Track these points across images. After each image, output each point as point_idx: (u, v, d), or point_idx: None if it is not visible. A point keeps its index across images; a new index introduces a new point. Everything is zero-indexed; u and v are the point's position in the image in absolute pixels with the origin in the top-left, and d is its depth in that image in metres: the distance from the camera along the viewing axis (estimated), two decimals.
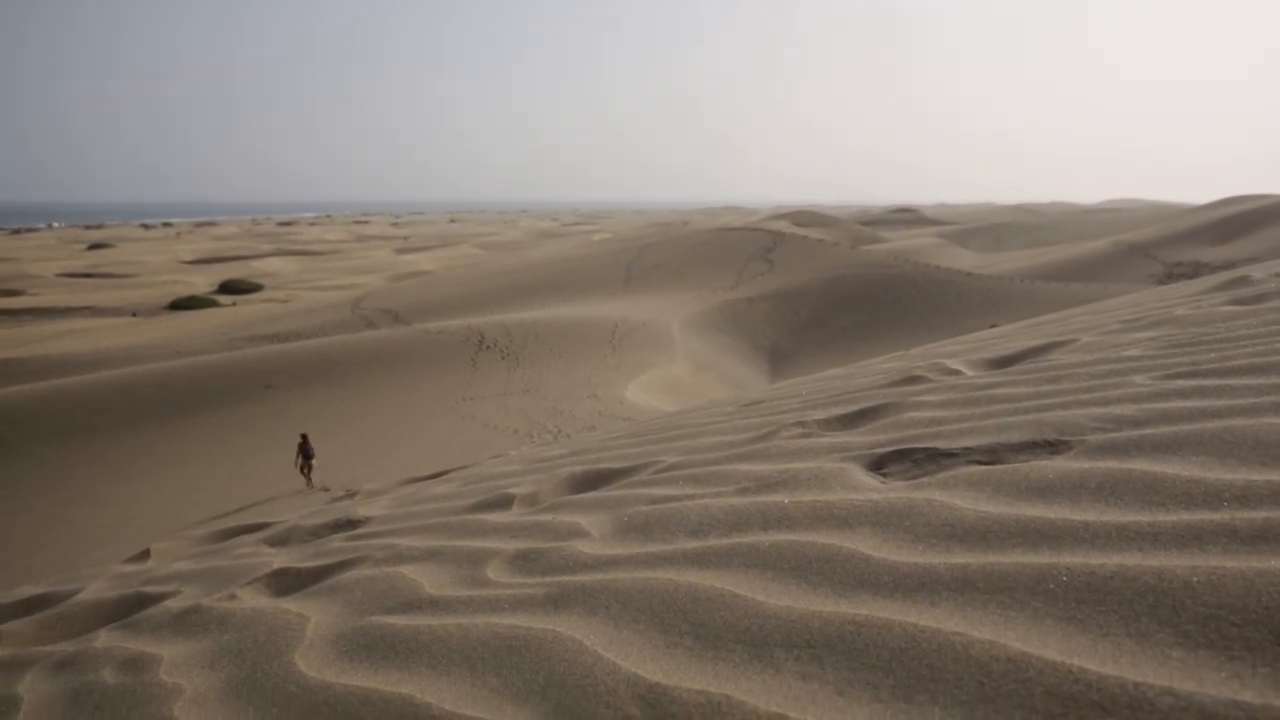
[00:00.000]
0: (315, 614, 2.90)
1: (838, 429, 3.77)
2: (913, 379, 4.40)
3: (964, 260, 55.96)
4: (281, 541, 4.62)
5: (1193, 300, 5.13)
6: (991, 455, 2.73)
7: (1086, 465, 2.37)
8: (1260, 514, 1.84)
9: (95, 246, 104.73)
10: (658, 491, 3.35)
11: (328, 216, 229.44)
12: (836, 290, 43.20)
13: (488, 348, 31.00)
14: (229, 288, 66.69)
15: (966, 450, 2.83)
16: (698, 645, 1.95)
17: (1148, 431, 2.53)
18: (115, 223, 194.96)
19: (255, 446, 20.55)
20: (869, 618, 1.83)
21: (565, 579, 2.60)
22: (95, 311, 56.68)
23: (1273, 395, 2.64)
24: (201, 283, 68.73)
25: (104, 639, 3.26)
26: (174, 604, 3.52)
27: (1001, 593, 1.80)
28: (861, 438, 3.40)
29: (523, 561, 2.89)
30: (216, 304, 59.44)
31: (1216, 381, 2.92)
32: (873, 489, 2.68)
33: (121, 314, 55.75)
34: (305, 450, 17.84)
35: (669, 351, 31.23)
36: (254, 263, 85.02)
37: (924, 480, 2.64)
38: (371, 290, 55.38)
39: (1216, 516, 1.88)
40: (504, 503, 3.96)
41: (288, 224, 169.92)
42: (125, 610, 3.71)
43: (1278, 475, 2.02)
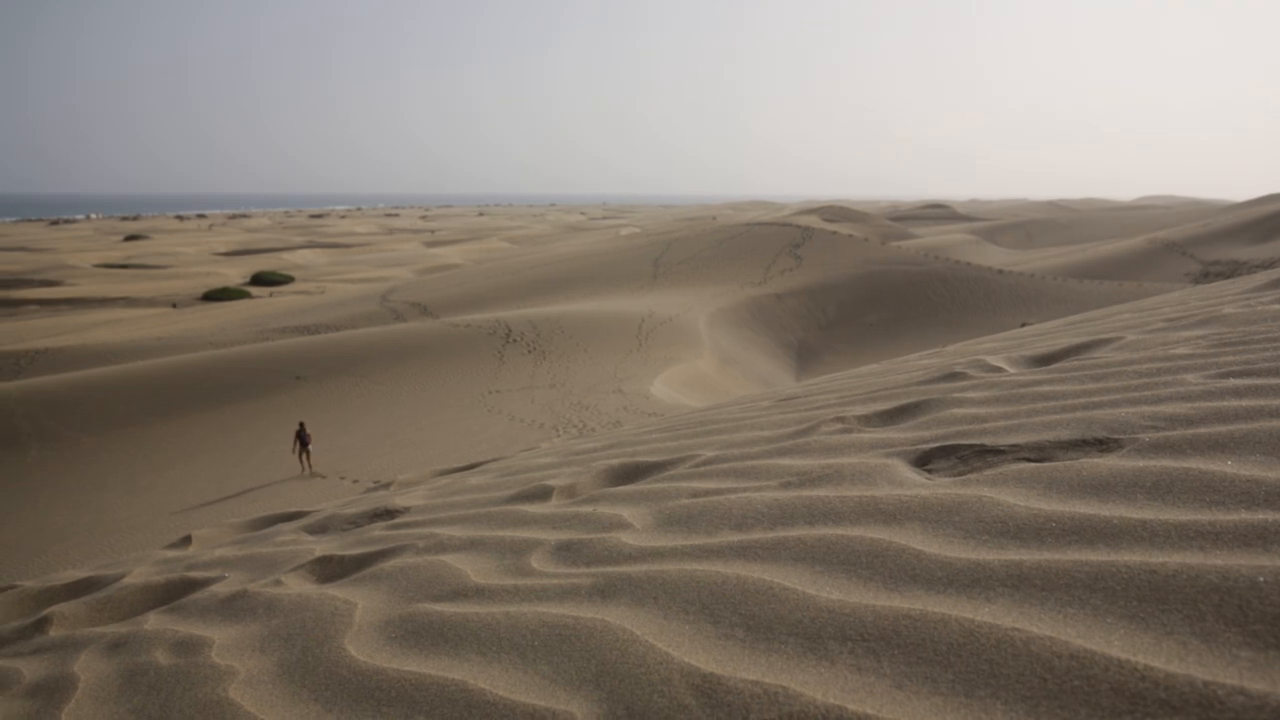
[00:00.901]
0: (362, 600, 2.94)
1: (878, 425, 3.75)
2: (953, 375, 4.36)
3: (995, 257, 55.23)
4: (321, 530, 4.68)
5: (1240, 299, 5.03)
6: (1040, 453, 2.70)
7: (1140, 464, 2.34)
8: None
9: (131, 238, 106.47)
10: (698, 485, 3.35)
11: (358, 209, 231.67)
12: (865, 287, 42.87)
13: (514, 341, 31.15)
14: (261, 279, 67.55)
15: (1014, 447, 2.80)
16: (749, 637, 1.95)
17: (1202, 430, 2.49)
18: (151, 214, 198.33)
19: (286, 438, 20.79)
20: (923, 612, 1.82)
21: (610, 569, 2.61)
22: (131, 302, 57.65)
23: None
24: (234, 274, 69.68)
25: (154, 621, 3.33)
26: (220, 589, 3.58)
27: (1059, 590, 1.78)
28: (904, 434, 3.37)
29: (566, 552, 2.91)
30: (249, 295, 60.23)
31: (1272, 380, 2.86)
32: (919, 485, 2.66)
33: (156, 305, 56.64)
34: (302, 437, 18.20)
35: (695, 347, 31.17)
36: (285, 255, 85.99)
37: (971, 477, 2.62)
38: (400, 283, 55.83)
39: None
40: (543, 494, 3.98)
41: (319, 216, 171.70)
42: (173, 594, 3.78)
43: None
